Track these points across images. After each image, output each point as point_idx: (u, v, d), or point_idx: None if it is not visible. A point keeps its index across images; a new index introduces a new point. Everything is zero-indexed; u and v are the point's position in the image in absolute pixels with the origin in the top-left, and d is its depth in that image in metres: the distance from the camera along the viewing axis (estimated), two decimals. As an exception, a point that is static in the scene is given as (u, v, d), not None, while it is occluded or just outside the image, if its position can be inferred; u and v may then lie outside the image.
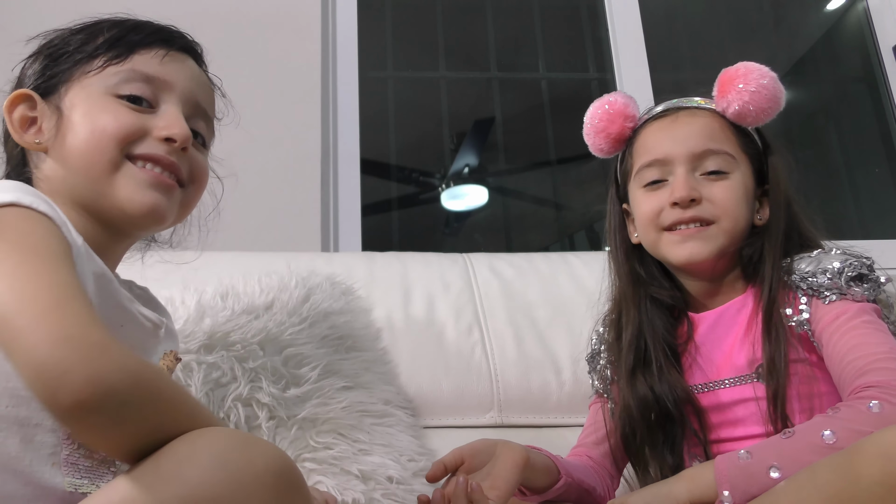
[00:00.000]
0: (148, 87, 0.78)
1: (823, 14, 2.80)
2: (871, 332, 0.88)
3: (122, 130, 0.75)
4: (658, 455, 0.99)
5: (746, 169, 1.02)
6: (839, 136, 2.89)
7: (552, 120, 3.25)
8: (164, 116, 0.78)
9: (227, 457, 0.55)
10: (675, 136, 1.03)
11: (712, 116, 1.04)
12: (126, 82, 0.77)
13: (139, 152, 0.76)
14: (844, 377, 0.86)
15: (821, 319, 0.92)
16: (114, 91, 0.77)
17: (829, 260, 0.94)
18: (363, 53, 2.08)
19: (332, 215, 1.87)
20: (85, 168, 0.75)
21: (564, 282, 1.48)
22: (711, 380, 0.99)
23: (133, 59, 0.78)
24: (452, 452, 0.93)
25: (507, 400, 1.33)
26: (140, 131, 0.76)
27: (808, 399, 0.92)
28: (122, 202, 0.75)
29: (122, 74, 0.77)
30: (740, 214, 1.00)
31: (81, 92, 0.77)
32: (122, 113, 0.76)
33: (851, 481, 0.65)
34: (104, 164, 0.74)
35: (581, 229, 3.93)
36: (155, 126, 0.77)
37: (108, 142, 0.74)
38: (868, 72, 2.48)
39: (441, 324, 1.39)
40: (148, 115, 0.77)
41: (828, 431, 0.77)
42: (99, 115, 0.75)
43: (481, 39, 3.04)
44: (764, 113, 1.01)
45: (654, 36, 2.16)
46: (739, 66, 1.03)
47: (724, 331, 1.01)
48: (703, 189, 0.99)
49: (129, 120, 0.76)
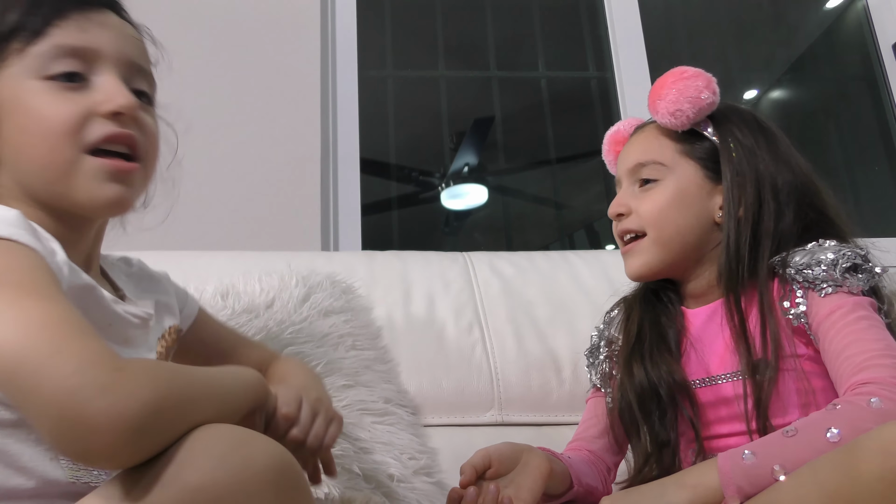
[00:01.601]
0: (76, 60, 0.71)
1: (823, 12, 2.81)
2: (867, 328, 0.88)
3: (69, 122, 0.69)
4: (651, 428, 1.00)
5: (686, 171, 1.03)
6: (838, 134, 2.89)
7: (552, 119, 3.25)
8: (102, 89, 0.71)
9: (226, 456, 0.55)
10: (623, 156, 1.10)
11: (653, 130, 1.08)
12: (52, 60, 0.70)
13: (92, 138, 0.70)
14: (841, 373, 0.86)
15: (817, 313, 0.92)
16: (42, 73, 0.70)
17: (823, 252, 0.94)
18: (363, 52, 2.08)
19: (332, 214, 1.87)
20: (39, 171, 0.70)
21: (565, 280, 1.48)
22: (704, 376, 1.00)
23: (51, 33, 0.70)
24: (480, 454, 0.92)
25: (508, 398, 1.33)
26: (85, 114, 0.70)
27: (804, 395, 0.92)
28: (83, 201, 0.71)
29: (46, 54, 0.70)
30: (668, 220, 1.02)
31: (9, 83, 0.70)
32: (61, 101, 0.70)
33: (851, 477, 0.65)
34: (60, 165, 0.70)
35: (581, 228, 3.93)
36: (96, 101, 0.71)
37: (58, 139, 0.69)
38: (868, 70, 2.48)
39: (441, 322, 1.39)
40: (85, 92, 0.71)
41: (834, 430, 0.77)
42: (38, 109, 0.69)
43: (481, 38, 3.04)
44: (674, 117, 1.02)
45: (653, 34, 2.17)
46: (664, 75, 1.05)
47: (716, 327, 1.01)
48: (633, 202, 1.05)
49: (71, 108, 0.70)
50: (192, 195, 1.77)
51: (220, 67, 1.88)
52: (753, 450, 0.79)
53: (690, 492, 0.81)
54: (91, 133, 0.70)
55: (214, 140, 1.81)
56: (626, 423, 1.03)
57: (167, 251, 1.46)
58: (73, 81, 0.71)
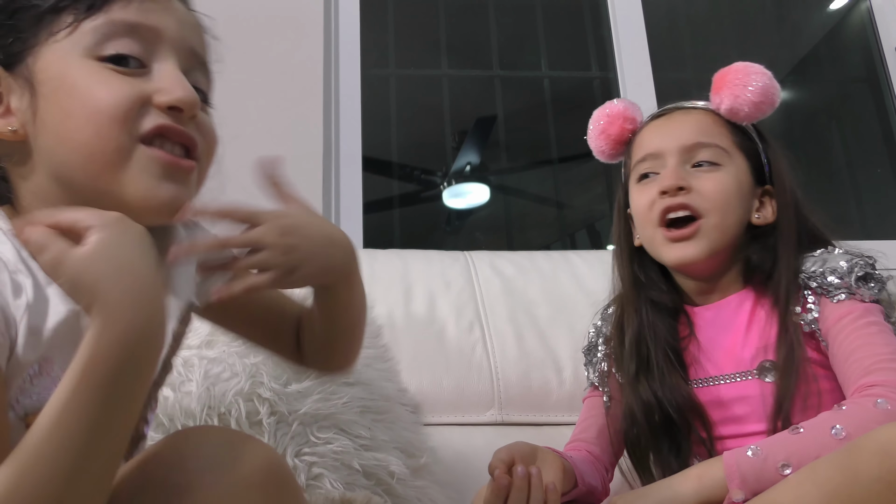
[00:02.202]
0: (135, 42, 0.62)
1: (826, 14, 2.80)
2: (876, 333, 0.89)
3: (122, 106, 0.60)
4: (663, 461, 0.99)
5: (742, 165, 1.02)
6: (841, 136, 2.89)
7: (554, 118, 3.25)
8: (161, 77, 0.63)
9: (215, 459, 0.54)
10: (666, 132, 1.05)
11: (706, 114, 1.06)
12: (107, 39, 0.61)
13: (145, 129, 0.61)
14: (849, 375, 0.87)
15: (828, 318, 0.93)
16: (95, 53, 0.61)
17: (835, 259, 0.94)
18: (365, 51, 2.08)
19: (333, 212, 1.87)
20: (83, 161, 0.60)
21: (565, 280, 1.48)
22: (711, 375, 0.99)
23: (109, 8, 0.62)
24: (503, 451, 0.91)
25: (508, 398, 1.33)
26: (139, 101, 0.61)
27: (811, 397, 0.92)
28: (133, 198, 0.61)
29: (101, 30, 0.61)
30: (730, 208, 0.99)
31: (54, 59, 0.61)
32: (115, 83, 0.61)
33: (850, 477, 0.65)
34: (110, 155, 0.60)
35: (582, 228, 3.93)
36: (155, 90, 0.62)
37: (109, 124, 0.59)
38: (871, 72, 2.47)
39: (442, 321, 1.39)
40: (141, 78, 0.62)
41: (838, 426, 0.78)
42: (87, 89, 0.60)
43: (484, 37, 3.04)
44: (756, 108, 1.01)
45: (656, 35, 2.16)
46: (735, 64, 1.05)
47: (723, 326, 1.01)
48: (692, 180, 1.00)
49: (126, 91, 0.61)
50: (193, 192, 1.78)
51: (222, 65, 1.88)
52: (759, 447, 0.80)
53: (696, 482, 0.82)
54: (145, 122, 0.61)
55: (216, 137, 1.81)
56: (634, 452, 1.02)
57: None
58: (129, 66, 0.62)
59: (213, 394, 1.08)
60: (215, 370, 1.09)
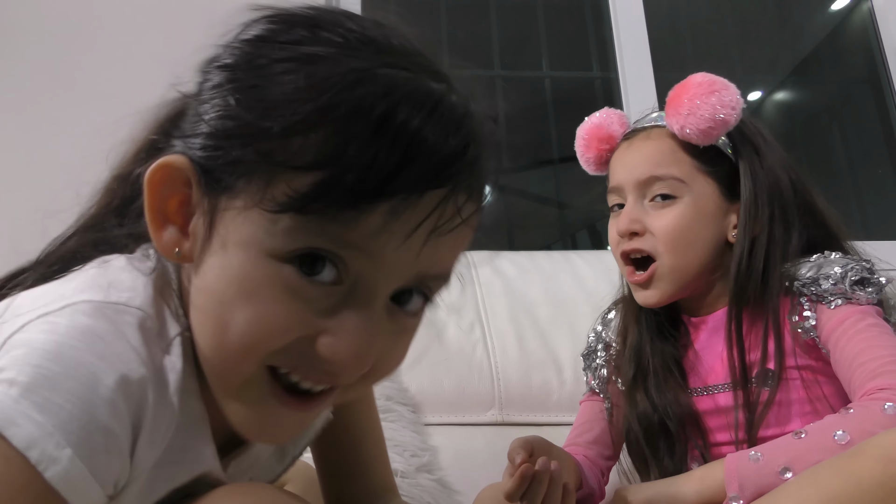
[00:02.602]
0: (345, 253, 0.45)
1: (828, 14, 2.80)
2: (878, 335, 0.88)
3: (264, 343, 0.46)
4: (660, 465, 0.99)
5: (704, 189, 0.98)
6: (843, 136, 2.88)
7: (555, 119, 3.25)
8: (345, 318, 0.47)
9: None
10: (626, 163, 1.02)
11: (664, 139, 1.00)
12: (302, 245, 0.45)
13: (285, 360, 0.48)
14: (854, 380, 0.86)
15: (826, 324, 0.92)
16: (283, 251, 0.45)
17: (830, 265, 0.93)
18: (367, 50, 2.07)
19: (334, 212, 1.87)
20: (210, 355, 0.49)
21: (566, 280, 1.48)
22: (708, 384, 0.99)
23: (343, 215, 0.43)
24: (521, 441, 0.87)
25: (508, 398, 1.33)
26: (294, 335, 0.46)
27: (811, 402, 0.92)
28: (230, 416, 0.50)
29: (303, 241, 0.44)
30: (687, 245, 0.97)
31: (241, 227, 0.45)
32: (276, 308, 0.45)
33: (853, 482, 0.65)
34: (226, 375, 0.49)
35: (583, 228, 3.92)
36: (326, 331, 0.46)
37: (237, 352, 0.46)
38: (872, 72, 2.47)
39: (442, 321, 1.39)
40: (324, 303, 0.47)
41: (840, 431, 0.77)
42: (242, 299, 0.45)
43: (485, 37, 3.04)
44: (704, 134, 0.95)
45: (657, 35, 2.16)
46: (686, 80, 0.99)
47: (719, 335, 1.00)
48: (647, 219, 0.98)
49: (293, 323, 0.46)
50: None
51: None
52: (761, 451, 0.80)
53: (698, 483, 0.82)
54: (288, 354, 0.47)
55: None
56: (635, 457, 1.02)
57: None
58: (320, 276, 0.46)
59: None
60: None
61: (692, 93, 0.96)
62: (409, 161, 0.43)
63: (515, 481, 0.80)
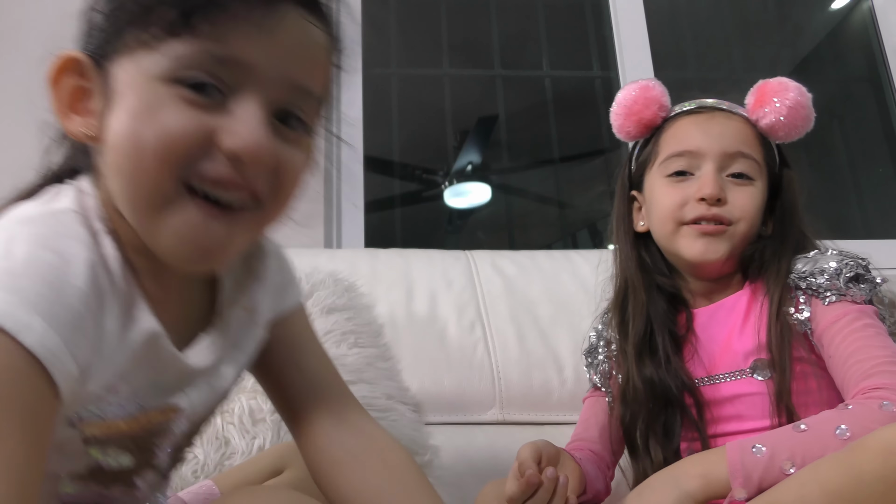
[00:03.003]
0: (222, 70, 0.54)
1: (828, 13, 2.80)
2: (873, 336, 0.89)
3: (174, 148, 0.53)
4: (656, 439, 0.99)
5: (765, 182, 1.04)
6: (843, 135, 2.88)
7: (556, 118, 3.25)
8: (236, 118, 0.54)
9: None
10: (709, 132, 1.03)
11: (745, 123, 1.05)
12: (190, 67, 0.53)
13: (198, 174, 0.54)
14: (849, 378, 0.87)
15: (821, 321, 0.93)
16: (169, 76, 0.53)
17: (826, 260, 0.95)
18: (367, 50, 2.08)
19: (335, 212, 1.87)
20: (128, 196, 0.55)
21: (567, 280, 1.48)
22: (710, 374, 1.00)
23: (197, 31, 0.53)
24: (530, 448, 0.88)
25: (509, 397, 1.34)
26: (202, 141, 0.53)
27: (810, 394, 0.93)
28: (164, 247, 0.55)
29: (184, 59, 0.53)
30: (756, 221, 1.01)
31: (131, 74, 0.54)
32: (176, 117, 0.53)
33: (854, 477, 0.65)
34: (149, 198, 0.54)
35: (584, 227, 3.93)
36: (223, 130, 0.54)
37: (154, 165, 0.52)
38: (872, 71, 2.47)
39: (443, 321, 1.39)
40: (215, 113, 0.54)
41: (842, 426, 0.78)
42: (144, 120, 0.53)
43: (485, 37, 3.04)
44: (794, 130, 1.03)
45: (658, 34, 2.16)
46: (779, 80, 1.05)
47: (720, 325, 1.02)
48: (727, 190, 1.00)
49: (183, 127, 0.53)
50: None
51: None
52: (763, 443, 0.79)
53: (702, 481, 0.80)
54: (202, 165, 0.54)
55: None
56: (629, 430, 1.02)
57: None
58: (205, 93, 0.54)
59: (215, 393, 1.08)
60: (217, 369, 1.10)
61: (789, 92, 1.03)
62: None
63: (521, 486, 0.81)
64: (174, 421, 0.61)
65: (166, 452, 0.63)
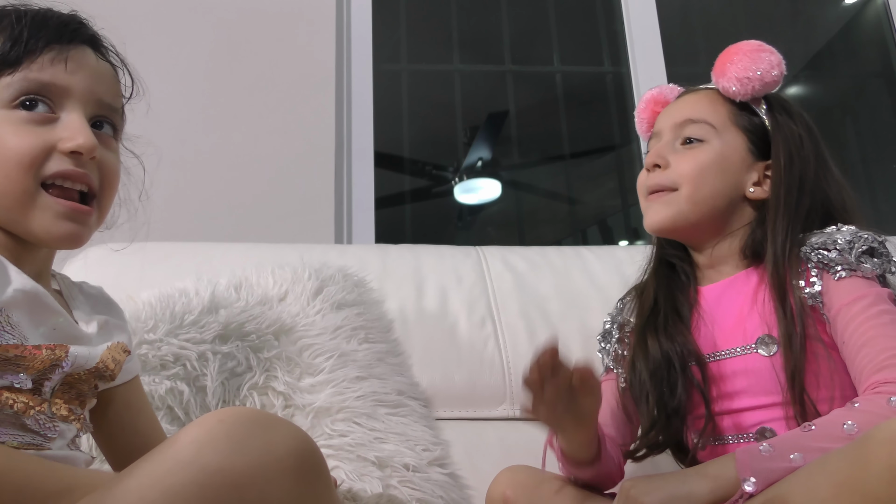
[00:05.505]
0: (46, 96, 0.73)
1: (841, 8, 2.78)
2: (888, 323, 0.88)
3: (29, 155, 0.71)
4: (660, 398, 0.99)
5: (733, 140, 1.04)
6: (856, 131, 2.87)
7: (566, 114, 3.24)
8: (66, 126, 0.73)
9: (248, 441, 0.54)
10: (668, 112, 1.10)
11: (709, 93, 1.08)
12: (23, 93, 0.72)
13: (49, 172, 0.72)
14: (861, 369, 0.86)
15: (834, 298, 0.92)
16: (8, 103, 0.72)
17: (840, 235, 0.94)
18: (377, 46, 2.08)
19: (345, 208, 1.88)
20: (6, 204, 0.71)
21: (577, 276, 1.48)
22: (716, 350, 1.00)
23: (25, 66, 0.72)
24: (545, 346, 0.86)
25: (520, 392, 1.33)
26: (46, 149, 0.72)
27: (821, 375, 0.92)
28: (38, 233, 0.73)
29: (16, 86, 0.72)
30: (706, 182, 1.02)
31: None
32: (24, 133, 0.71)
33: (861, 468, 0.65)
34: (17, 196, 0.71)
35: (594, 224, 3.92)
36: (59, 138, 0.72)
37: (17, 170, 0.71)
38: (886, 67, 2.46)
39: (454, 316, 1.39)
40: (49, 126, 0.73)
41: (850, 422, 0.78)
42: (8, 137, 0.71)
43: (496, 32, 3.04)
44: (741, 83, 1.03)
45: (669, 29, 2.15)
46: (736, 43, 1.07)
47: (728, 303, 1.01)
48: (674, 157, 1.04)
49: (33, 141, 0.71)
50: (206, 187, 1.78)
51: (235, 60, 1.89)
52: (771, 444, 0.80)
53: (711, 482, 0.81)
54: (49, 166, 0.72)
55: (229, 133, 1.82)
56: (636, 393, 1.03)
57: (181, 242, 1.47)
58: (37, 110, 0.73)
59: (227, 388, 1.08)
60: (230, 364, 1.10)
61: (740, 48, 1.05)
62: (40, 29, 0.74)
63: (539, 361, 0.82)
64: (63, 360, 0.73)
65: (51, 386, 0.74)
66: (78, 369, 0.74)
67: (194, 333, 1.10)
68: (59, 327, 0.73)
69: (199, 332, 1.10)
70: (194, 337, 1.10)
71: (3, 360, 0.67)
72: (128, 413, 0.86)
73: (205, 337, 1.11)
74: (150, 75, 0.85)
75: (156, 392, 1.03)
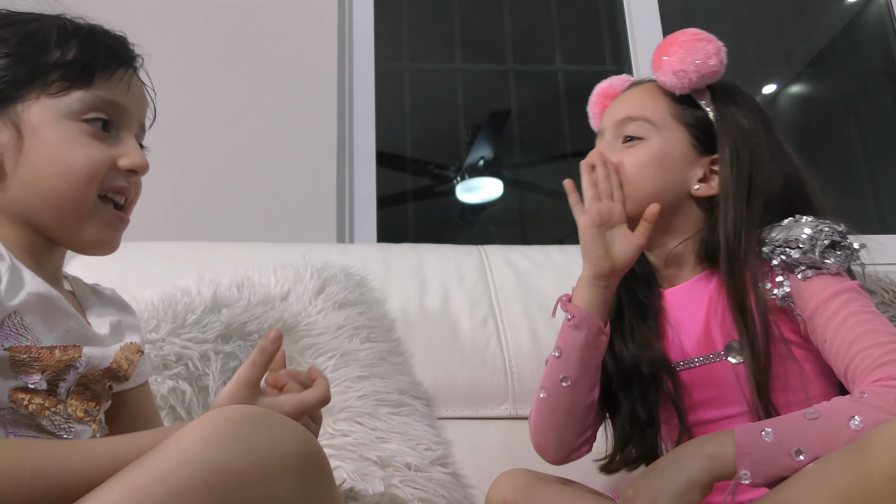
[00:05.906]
0: (109, 113, 0.77)
1: (844, 6, 2.78)
2: (871, 319, 0.86)
3: (96, 170, 0.75)
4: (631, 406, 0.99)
5: (674, 136, 1.01)
6: (858, 129, 2.86)
7: (568, 112, 3.24)
8: (124, 145, 0.78)
9: (254, 439, 0.55)
10: (611, 109, 1.08)
11: (650, 87, 1.06)
12: (90, 109, 0.76)
13: (108, 186, 0.77)
14: (856, 367, 0.84)
15: (806, 298, 0.90)
16: (77, 116, 0.75)
17: (799, 228, 0.91)
18: (379, 45, 2.08)
19: (347, 207, 1.88)
20: (56, 203, 0.74)
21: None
22: (685, 357, 0.99)
23: (97, 84, 0.76)
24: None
25: (522, 392, 1.34)
26: (108, 163, 0.76)
27: (791, 378, 0.90)
28: (85, 239, 0.77)
29: (88, 101, 0.76)
30: (646, 180, 0.99)
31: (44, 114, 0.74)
32: (93, 149, 0.75)
33: (862, 476, 0.64)
34: (77, 204, 0.75)
35: (596, 223, 3.91)
36: (118, 155, 0.77)
37: (85, 183, 0.74)
38: (889, 65, 2.45)
39: (456, 315, 1.39)
40: (107, 142, 0.77)
41: (857, 418, 0.75)
42: (70, 149, 0.74)
43: (498, 31, 3.03)
44: (676, 76, 1.00)
45: (672, 28, 2.14)
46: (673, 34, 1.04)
47: (693, 307, 0.99)
48: (615, 155, 1.02)
49: (100, 156, 0.75)
50: (208, 186, 1.78)
51: (237, 59, 1.89)
52: (773, 428, 0.77)
53: (708, 461, 0.77)
54: (108, 181, 0.77)
55: (232, 132, 1.82)
56: (607, 403, 1.02)
57: (183, 242, 1.47)
58: (105, 130, 0.77)
59: (229, 387, 1.08)
60: (232, 364, 1.10)
61: (675, 39, 1.02)
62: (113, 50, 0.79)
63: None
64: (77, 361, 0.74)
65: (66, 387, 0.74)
66: (92, 370, 0.75)
67: (196, 333, 1.10)
68: (73, 329, 0.74)
69: (201, 331, 1.11)
70: (196, 336, 1.10)
71: (17, 362, 0.68)
72: (141, 417, 0.88)
73: (207, 336, 1.11)
74: (154, 74, 0.85)
75: (158, 392, 1.03)
